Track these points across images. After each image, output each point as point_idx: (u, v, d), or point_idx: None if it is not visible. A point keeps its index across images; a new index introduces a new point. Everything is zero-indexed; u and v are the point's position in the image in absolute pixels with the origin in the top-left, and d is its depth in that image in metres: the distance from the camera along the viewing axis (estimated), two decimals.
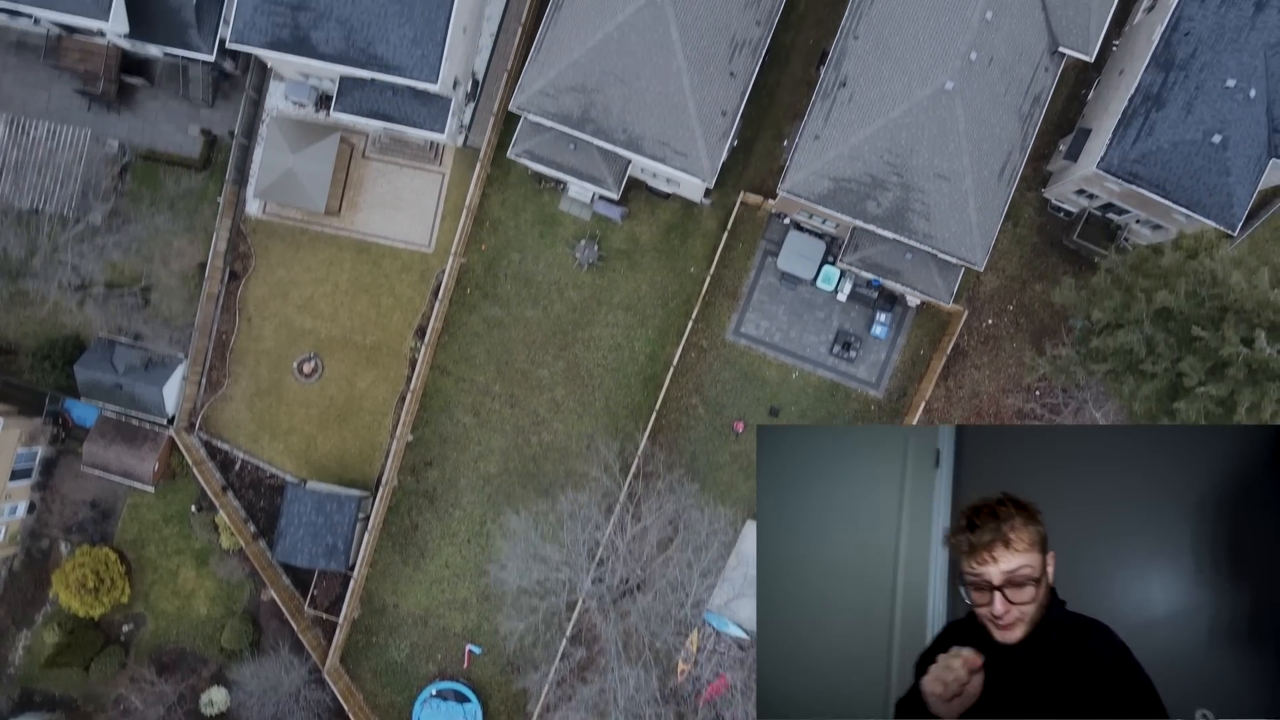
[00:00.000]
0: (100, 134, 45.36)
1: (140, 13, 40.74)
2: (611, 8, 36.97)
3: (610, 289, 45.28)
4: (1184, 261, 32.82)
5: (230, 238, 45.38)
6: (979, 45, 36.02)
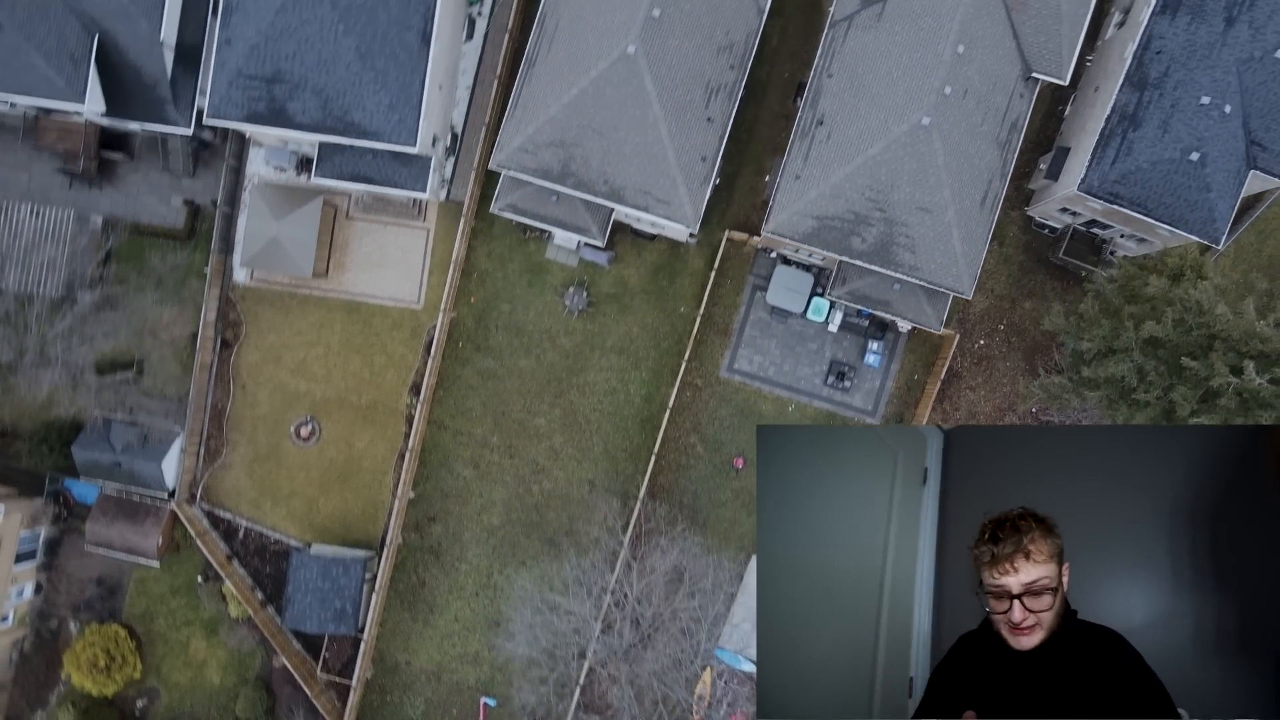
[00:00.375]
0: (83, 211, 45.40)
1: (116, 91, 40.78)
2: (585, 63, 37.05)
3: (602, 334, 45.35)
4: (1169, 289, 32.93)
5: (219, 307, 45.40)
6: (952, 79, 36.14)
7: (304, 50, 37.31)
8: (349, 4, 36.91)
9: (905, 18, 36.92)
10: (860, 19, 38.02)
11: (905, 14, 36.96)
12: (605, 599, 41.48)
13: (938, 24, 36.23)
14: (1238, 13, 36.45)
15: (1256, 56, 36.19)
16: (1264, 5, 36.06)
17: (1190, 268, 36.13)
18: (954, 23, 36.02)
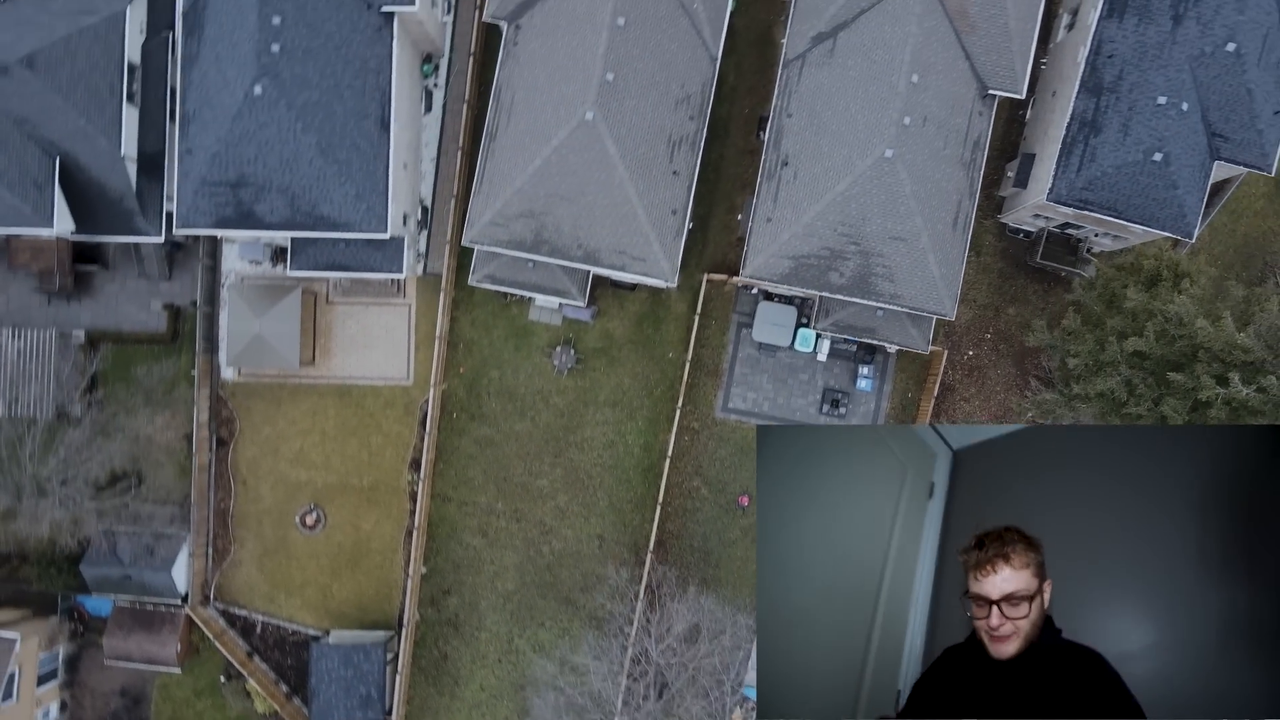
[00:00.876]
0: (64, 328, 45.44)
1: (83, 209, 40.78)
2: (545, 132, 37.19)
3: (594, 389, 45.46)
4: (1148, 301, 33.12)
5: (211, 406, 45.43)
6: (910, 109, 36.34)
7: (265, 153, 37.40)
8: (304, 103, 37.01)
9: (856, 52, 37.11)
10: (812, 56, 38.22)
11: (856, 48, 37.15)
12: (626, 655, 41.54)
13: (889, 56, 36.43)
14: (1184, 10, 36.68)
15: (1208, 52, 36.41)
16: (1209, 1, 36.29)
17: (1166, 268, 36.37)
18: (905, 53, 36.21)
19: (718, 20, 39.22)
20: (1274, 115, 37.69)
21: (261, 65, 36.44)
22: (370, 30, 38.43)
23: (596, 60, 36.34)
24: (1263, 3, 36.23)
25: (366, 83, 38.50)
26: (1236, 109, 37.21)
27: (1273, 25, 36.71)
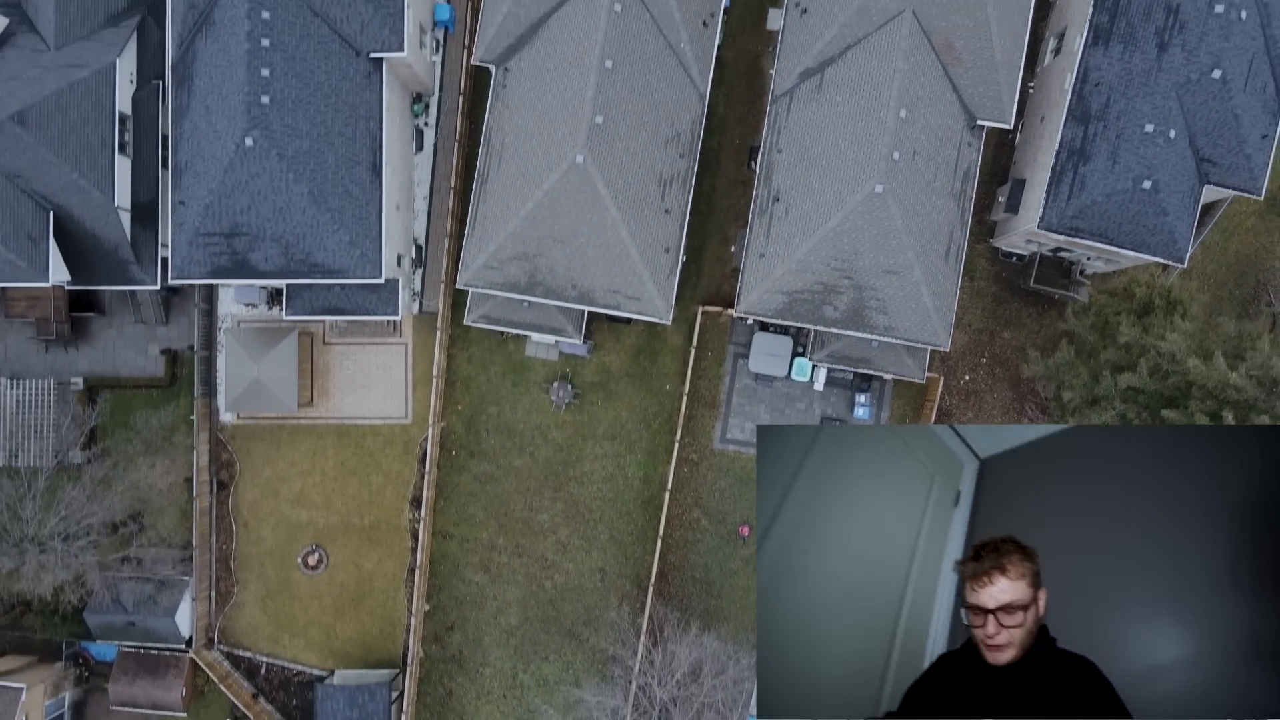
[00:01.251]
0: (62, 375, 45.59)
1: (78, 260, 40.80)
2: (537, 176, 37.32)
3: (592, 423, 45.58)
4: (1141, 335, 33.25)
5: (210, 450, 45.56)
6: (899, 144, 36.47)
7: (258, 203, 37.52)
8: (296, 152, 37.13)
9: (844, 88, 37.26)
10: (800, 92, 38.36)
11: (843, 84, 37.29)
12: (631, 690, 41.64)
13: (877, 91, 36.55)
14: (1169, 38, 36.82)
15: (1193, 79, 36.55)
16: (1194, 28, 36.42)
17: (1159, 295, 36.49)
18: (892, 89, 36.34)
19: (705, 58, 39.37)
20: (1262, 139, 37.87)
21: (252, 117, 36.56)
22: (359, 77, 38.59)
23: (585, 103, 36.47)
24: (1247, 29, 36.37)
25: (357, 129, 38.65)
26: (1224, 134, 37.36)
27: (1258, 50, 36.88)
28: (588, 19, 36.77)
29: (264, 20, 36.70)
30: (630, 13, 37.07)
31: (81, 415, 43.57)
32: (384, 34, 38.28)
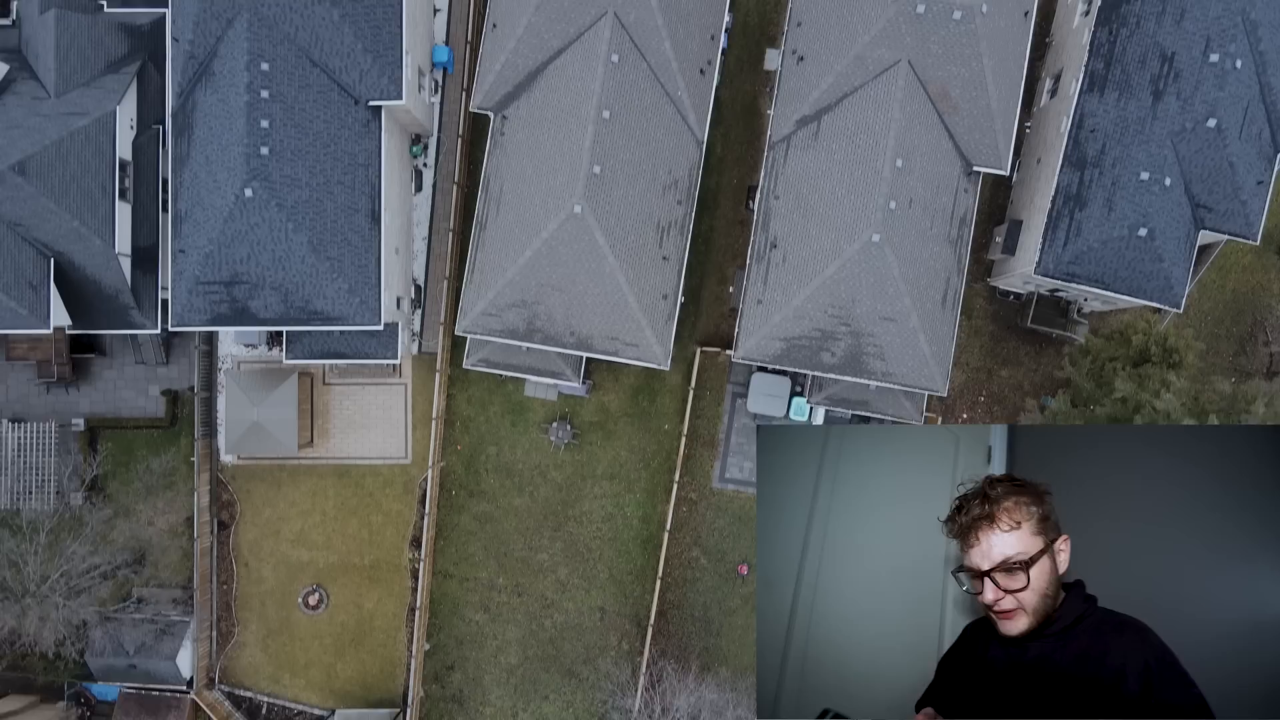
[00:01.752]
0: (63, 415, 45.78)
1: (79, 305, 41.01)
2: (535, 224, 37.49)
3: (591, 462, 45.72)
4: (1137, 391, 33.38)
5: (211, 490, 45.72)
6: (896, 193, 36.62)
7: (258, 252, 37.70)
8: (295, 202, 37.31)
9: (841, 136, 37.41)
10: (797, 139, 38.52)
11: (840, 132, 37.45)
12: None
13: (873, 141, 36.71)
14: (1164, 86, 36.97)
15: (1188, 128, 36.68)
16: (1189, 77, 36.56)
17: (1155, 343, 36.60)
18: (889, 138, 36.49)
19: (703, 105, 39.54)
20: (1257, 185, 38.01)
21: (251, 169, 36.75)
22: (358, 125, 38.78)
23: (583, 154, 36.65)
24: (1242, 77, 36.50)
25: (356, 177, 38.83)
26: (1220, 181, 37.50)
27: (1253, 98, 37.01)
28: (585, 69, 36.96)
29: (263, 72, 36.90)
30: (627, 62, 37.24)
31: (83, 463, 43.75)
32: (383, 83, 38.47)
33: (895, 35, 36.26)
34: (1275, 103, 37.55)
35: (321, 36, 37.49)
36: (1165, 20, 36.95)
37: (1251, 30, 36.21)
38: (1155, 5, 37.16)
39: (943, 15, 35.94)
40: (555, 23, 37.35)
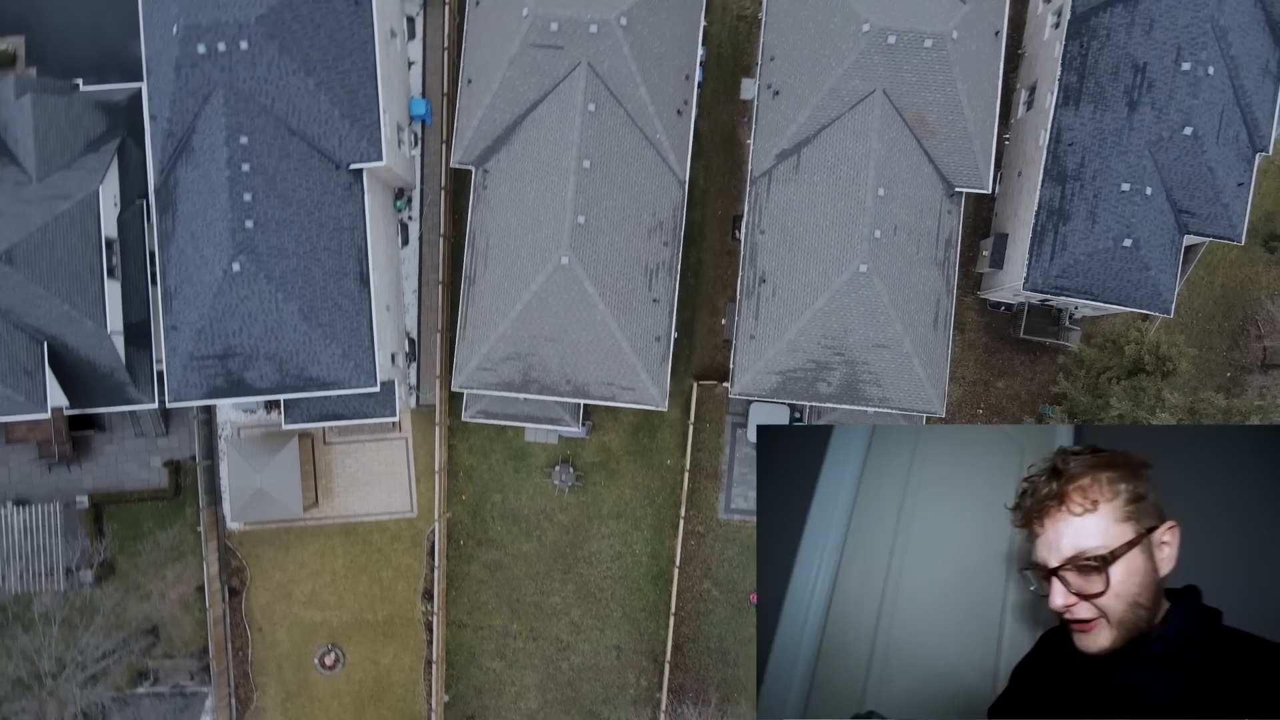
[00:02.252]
0: (67, 493, 45.80)
1: (75, 386, 41.09)
2: (523, 277, 37.60)
3: (596, 503, 45.81)
4: (1132, 409, 33.56)
5: (220, 558, 45.76)
6: (880, 222, 36.77)
7: (249, 324, 37.76)
8: (284, 272, 37.39)
9: (821, 168, 37.56)
10: (778, 173, 38.67)
11: (821, 164, 37.60)
12: None
13: (854, 172, 36.87)
14: (1138, 96, 37.16)
15: (1165, 137, 36.88)
16: (1162, 86, 36.77)
17: (1148, 352, 36.77)
18: (869, 168, 36.65)
19: (682, 145, 39.69)
20: (1238, 187, 38.22)
21: (237, 243, 36.84)
22: (340, 189, 38.87)
23: (567, 205, 36.79)
24: (1215, 83, 36.70)
25: (342, 241, 38.92)
26: (1201, 186, 37.70)
27: (1228, 102, 37.22)
28: (563, 121, 37.11)
29: (243, 145, 37.00)
30: (604, 110, 37.40)
31: (90, 547, 43.81)
32: (362, 145, 38.57)
33: (868, 66, 36.44)
34: (1250, 104, 37.80)
35: (298, 105, 37.59)
36: (1135, 31, 37.17)
37: (1221, 36, 36.42)
38: (1124, 17, 37.39)
39: (914, 44, 36.11)
40: (530, 76, 37.50)
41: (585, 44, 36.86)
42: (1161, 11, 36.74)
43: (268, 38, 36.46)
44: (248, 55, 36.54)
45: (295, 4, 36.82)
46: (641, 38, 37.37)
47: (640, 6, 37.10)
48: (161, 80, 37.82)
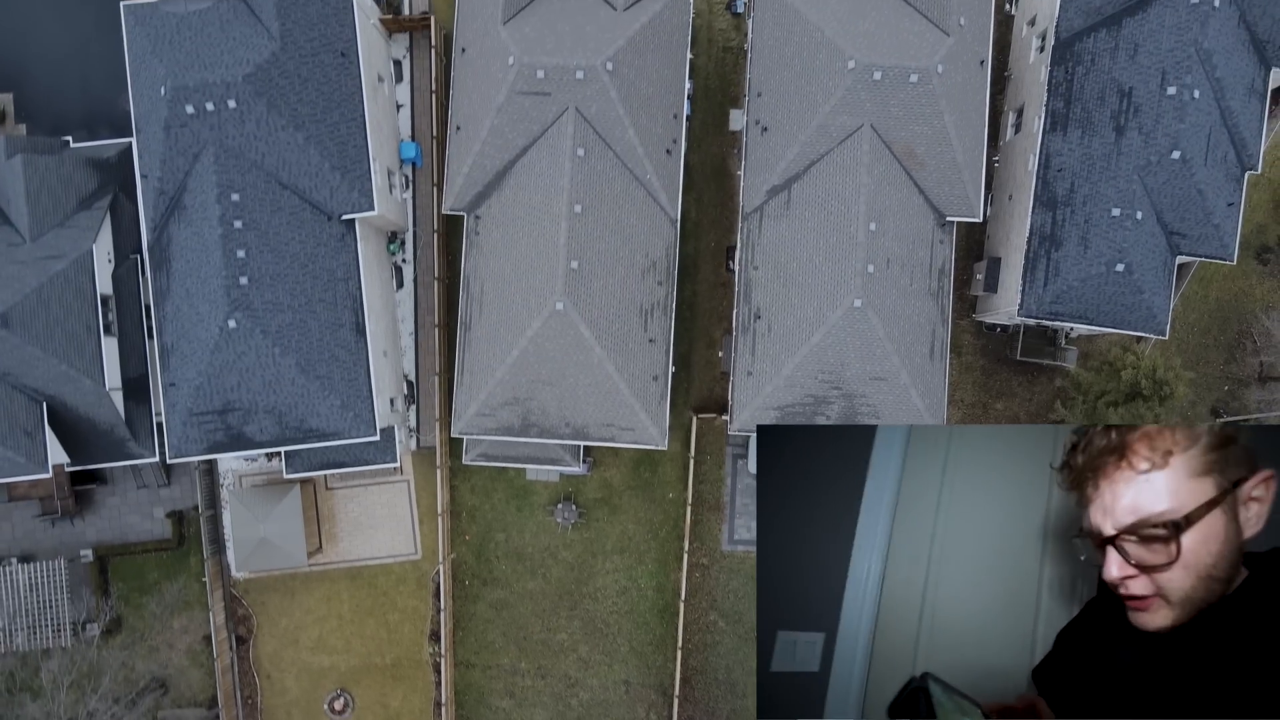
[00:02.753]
0: (71, 548, 45.86)
1: (75, 443, 41.12)
2: (519, 323, 37.68)
3: (600, 538, 45.87)
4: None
5: (225, 605, 45.79)
6: (872, 256, 36.84)
7: (247, 379, 37.83)
8: (279, 327, 37.46)
9: (812, 204, 37.64)
10: (770, 209, 38.75)
11: (811, 200, 37.67)
12: None
13: (845, 207, 36.94)
14: (1125, 121, 37.27)
15: (1154, 161, 36.97)
16: (1148, 110, 36.86)
17: (1145, 377, 36.84)
18: (860, 203, 36.72)
19: (673, 184, 39.77)
20: (1228, 207, 38.32)
21: (232, 300, 36.91)
22: (333, 240, 38.97)
23: (559, 250, 36.87)
24: (1201, 106, 36.79)
25: (337, 292, 39.01)
26: (1191, 208, 37.79)
27: (1215, 124, 37.32)
28: (553, 166, 37.20)
29: (234, 202, 37.09)
30: (594, 154, 37.49)
31: (95, 606, 43.85)
32: (354, 196, 38.67)
33: (855, 102, 36.52)
34: (1237, 124, 37.90)
35: (288, 159, 37.69)
36: (1119, 56, 37.29)
37: (1206, 59, 36.52)
38: (1108, 41, 37.51)
39: (900, 79, 36.20)
40: (518, 122, 37.59)
41: (572, 90, 36.96)
42: (1145, 36, 36.85)
43: (255, 95, 36.56)
44: (236, 114, 36.64)
45: (282, 60, 36.92)
46: (628, 81, 37.47)
47: (625, 50, 37.20)
48: (151, 140, 37.92)
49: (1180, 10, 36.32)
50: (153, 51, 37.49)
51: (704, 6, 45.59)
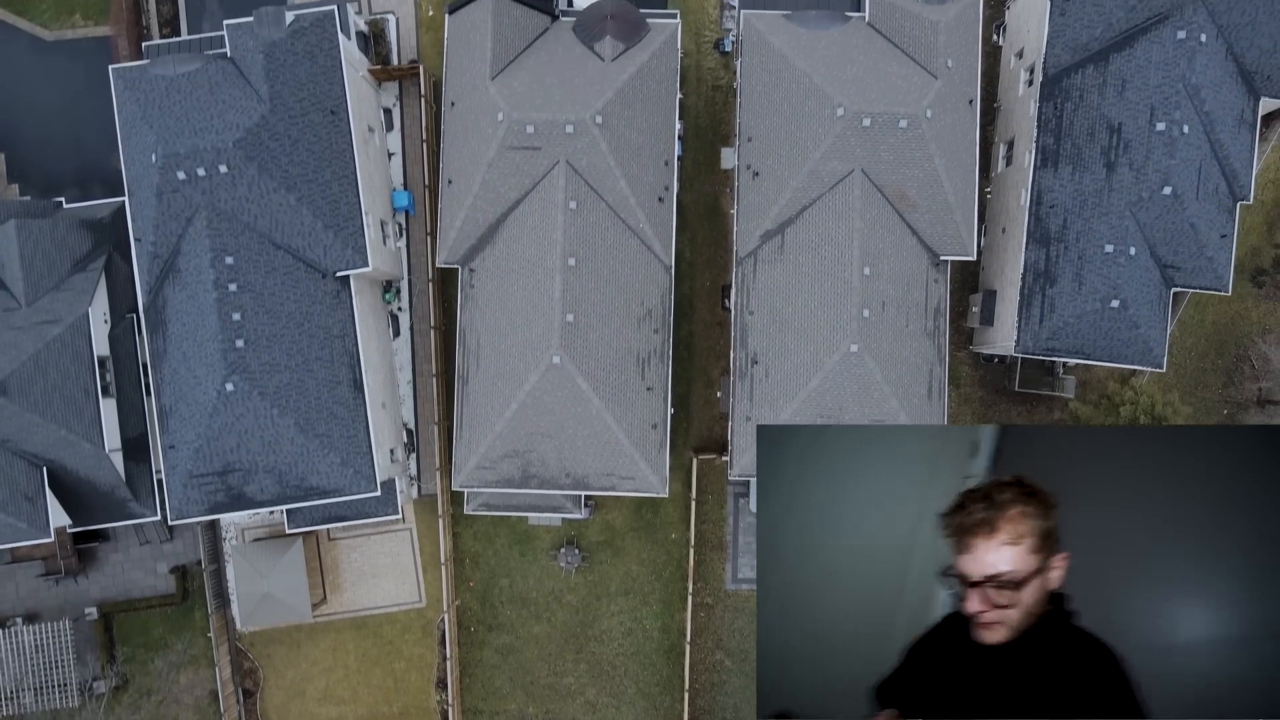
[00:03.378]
0: (75, 607, 45.86)
1: (76, 505, 41.12)
2: (516, 377, 37.69)
3: (604, 581, 45.85)
4: None
5: (231, 659, 45.79)
6: (867, 300, 36.86)
7: (246, 440, 37.85)
8: (277, 387, 37.49)
9: (806, 249, 37.67)
10: (764, 254, 38.77)
11: (805, 244, 37.70)
12: None
13: (838, 252, 36.97)
14: (1115, 157, 37.31)
15: (1145, 197, 36.99)
16: (1138, 146, 36.90)
17: (1143, 412, 36.84)
18: (853, 248, 36.75)
19: (666, 231, 39.81)
20: (1221, 239, 38.34)
21: (229, 363, 36.94)
22: (328, 298, 38.99)
23: (554, 304, 36.90)
24: (1191, 141, 36.83)
25: (334, 349, 39.02)
26: (1184, 241, 37.81)
27: (1205, 157, 37.35)
28: (545, 219, 37.24)
29: (228, 265, 37.13)
30: (585, 206, 37.54)
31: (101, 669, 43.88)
32: (347, 254, 38.71)
33: (845, 148, 36.56)
34: (1228, 155, 37.93)
35: (281, 221, 37.74)
36: (1107, 92, 37.33)
37: (1194, 94, 36.56)
38: (1095, 77, 37.56)
39: (889, 125, 36.24)
40: (509, 176, 37.64)
41: (562, 143, 37.01)
42: (1133, 72, 36.90)
43: (246, 159, 36.61)
44: (228, 178, 36.68)
45: (271, 122, 36.98)
46: (618, 132, 37.52)
47: (614, 102, 37.25)
48: (144, 205, 37.97)
49: (1167, 46, 36.36)
50: (143, 117, 37.56)
51: (692, 46, 45.66)
